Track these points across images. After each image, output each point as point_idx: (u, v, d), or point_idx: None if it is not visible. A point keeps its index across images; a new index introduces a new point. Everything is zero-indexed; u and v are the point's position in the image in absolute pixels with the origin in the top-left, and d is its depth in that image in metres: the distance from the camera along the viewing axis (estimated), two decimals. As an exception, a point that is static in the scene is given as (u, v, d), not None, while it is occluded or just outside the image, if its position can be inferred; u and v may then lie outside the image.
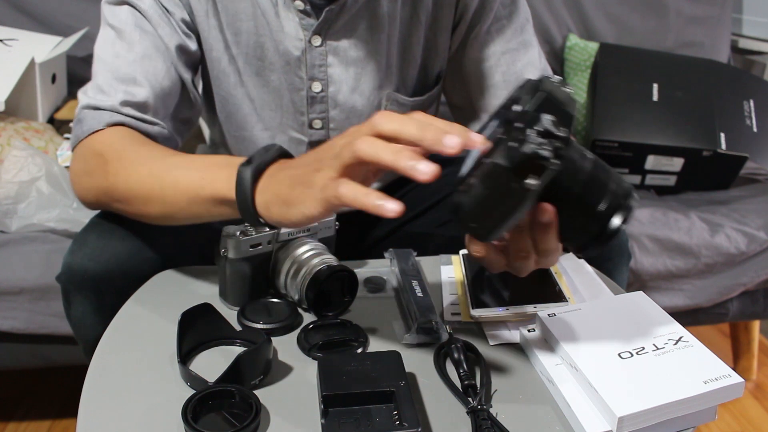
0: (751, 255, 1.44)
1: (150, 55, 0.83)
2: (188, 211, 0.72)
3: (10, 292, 1.19)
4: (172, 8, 0.85)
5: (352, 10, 0.86)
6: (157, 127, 0.83)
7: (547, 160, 0.52)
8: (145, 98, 0.82)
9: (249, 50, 0.89)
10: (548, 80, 0.57)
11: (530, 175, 0.52)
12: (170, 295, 0.77)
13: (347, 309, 0.76)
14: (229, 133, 0.99)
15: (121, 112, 0.81)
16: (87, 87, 0.85)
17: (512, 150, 0.52)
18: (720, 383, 0.59)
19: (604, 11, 1.85)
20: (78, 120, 0.82)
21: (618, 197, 0.57)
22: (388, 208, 0.52)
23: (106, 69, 0.83)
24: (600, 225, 0.58)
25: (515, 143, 0.52)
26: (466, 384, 0.62)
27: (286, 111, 0.93)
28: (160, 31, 0.83)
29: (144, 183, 0.74)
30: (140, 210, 0.76)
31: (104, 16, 0.86)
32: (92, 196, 0.80)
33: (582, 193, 0.57)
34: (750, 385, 1.69)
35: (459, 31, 0.93)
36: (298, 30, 0.87)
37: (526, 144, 0.52)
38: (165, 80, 0.84)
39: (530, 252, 0.60)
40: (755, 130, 1.60)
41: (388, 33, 0.90)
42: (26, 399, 1.55)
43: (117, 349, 0.69)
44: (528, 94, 0.57)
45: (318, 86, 0.91)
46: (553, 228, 0.58)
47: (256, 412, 0.57)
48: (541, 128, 0.53)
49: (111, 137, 0.79)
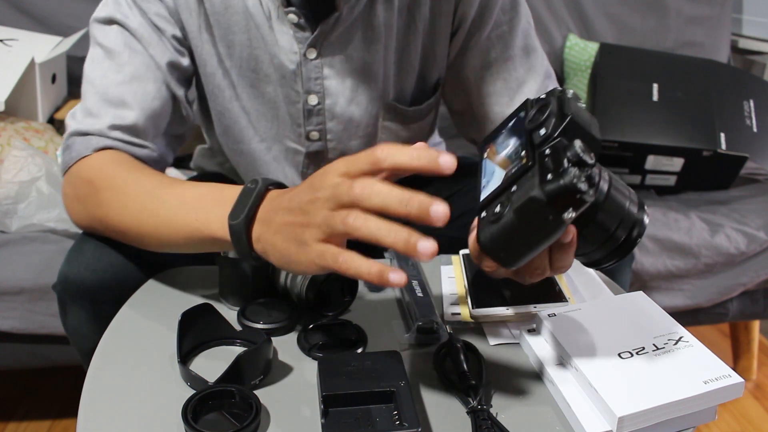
0: (751, 255, 1.44)
1: (140, 76, 0.82)
2: (186, 246, 0.72)
3: (10, 292, 1.19)
4: (163, 25, 0.84)
5: (347, 21, 0.85)
6: (147, 150, 0.83)
7: (585, 192, 0.51)
8: (135, 121, 0.81)
9: (242, 62, 0.89)
10: (569, 99, 0.56)
11: (569, 207, 0.52)
12: (170, 296, 0.77)
13: (347, 309, 0.76)
14: (227, 146, 0.99)
15: (109, 136, 0.80)
16: (76, 110, 0.84)
17: (550, 183, 0.51)
18: (720, 383, 0.59)
19: (604, 11, 1.85)
20: (66, 146, 0.82)
21: (633, 215, 0.58)
22: (393, 280, 0.52)
23: (95, 91, 0.82)
24: (616, 242, 0.59)
25: (551, 174, 0.52)
26: (466, 384, 0.62)
27: (282, 122, 0.93)
28: (151, 51, 0.83)
29: (137, 220, 0.73)
30: (136, 242, 0.76)
31: (93, 35, 0.85)
32: (86, 222, 0.80)
33: (601, 213, 0.57)
34: (750, 385, 1.69)
35: (458, 38, 0.92)
36: (292, 43, 0.86)
37: (565, 176, 0.51)
38: (155, 101, 0.83)
39: (546, 269, 0.60)
40: (755, 130, 1.60)
41: (384, 43, 0.89)
42: (26, 399, 1.55)
43: (117, 349, 0.69)
44: (552, 117, 0.56)
45: (314, 99, 0.90)
46: (573, 247, 0.58)
47: (256, 412, 0.57)
48: (575, 157, 0.52)
49: (100, 162, 0.79)
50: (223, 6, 0.85)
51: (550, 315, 0.68)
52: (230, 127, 0.95)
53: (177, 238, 0.70)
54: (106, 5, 0.84)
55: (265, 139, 0.95)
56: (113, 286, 0.78)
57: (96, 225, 0.79)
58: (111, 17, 0.83)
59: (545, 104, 0.57)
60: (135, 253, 0.79)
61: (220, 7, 0.85)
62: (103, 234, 0.79)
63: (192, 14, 0.86)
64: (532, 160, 0.55)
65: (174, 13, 0.85)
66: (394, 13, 0.88)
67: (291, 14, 0.84)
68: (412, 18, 0.89)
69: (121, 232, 0.76)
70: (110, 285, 0.77)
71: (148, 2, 0.83)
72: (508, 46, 0.92)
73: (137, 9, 0.83)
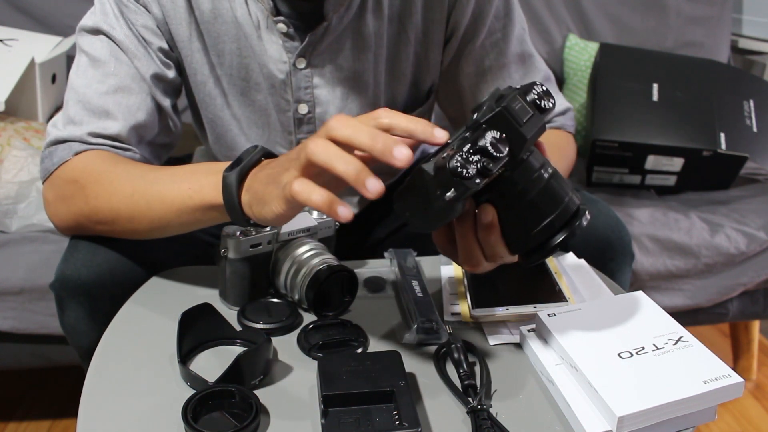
0: (751, 255, 1.44)
1: (124, 87, 0.82)
2: (177, 221, 0.73)
3: (10, 292, 1.20)
4: (149, 37, 0.84)
5: (337, 31, 0.85)
6: (130, 152, 0.83)
7: (466, 179, 0.54)
8: (118, 132, 0.81)
9: (233, 71, 0.89)
10: (516, 95, 0.58)
11: (451, 188, 0.54)
12: (170, 296, 0.77)
13: (347, 309, 0.76)
14: (220, 153, 0.99)
15: (90, 142, 0.80)
16: (57, 118, 0.84)
17: (439, 161, 0.55)
18: (720, 383, 0.59)
19: (604, 11, 1.85)
20: (48, 154, 0.82)
21: (564, 216, 0.59)
22: (340, 213, 0.54)
23: (77, 99, 0.82)
24: (542, 238, 0.60)
25: (446, 155, 0.55)
26: (466, 384, 0.62)
27: (273, 130, 0.93)
28: (137, 63, 0.83)
29: (128, 202, 0.74)
30: (126, 228, 0.76)
31: (79, 43, 0.85)
32: (71, 221, 0.80)
33: (531, 205, 0.59)
34: (750, 385, 1.69)
35: (451, 46, 0.92)
36: (281, 53, 0.86)
37: (454, 159, 0.54)
38: (140, 112, 0.83)
39: (478, 257, 0.62)
40: (755, 130, 1.60)
41: (374, 52, 0.89)
42: (26, 399, 1.55)
43: (117, 349, 0.69)
44: (489, 105, 0.58)
45: (305, 108, 0.90)
46: (494, 230, 0.60)
47: (256, 412, 0.57)
48: (478, 145, 0.55)
49: (83, 162, 0.79)
50: (213, 15, 0.85)
51: (550, 315, 0.68)
52: (222, 135, 0.95)
53: (169, 212, 0.72)
54: (93, 14, 0.84)
55: None
56: (109, 282, 0.78)
57: (83, 221, 0.79)
58: (97, 27, 0.83)
59: (501, 95, 0.59)
60: (130, 249, 0.79)
61: (209, 17, 0.85)
62: (91, 232, 0.80)
63: (182, 24, 0.85)
64: (451, 142, 0.58)
65: (162, 24, 0.85)
66: (384, 22, 0.87)
67: (280, 24, 0.84)
68: (402, 27, 0.89)
69: (111, 221, 0.76)
70: (106, 281, 0.78)
71: (135, 14, 0.83)
72: (502, 53, 0.92)
73: (124, 20, 0.83)
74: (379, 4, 0.86)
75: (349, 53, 0.87)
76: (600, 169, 1.60)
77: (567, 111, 0.97)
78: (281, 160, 0.62)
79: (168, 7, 0.84)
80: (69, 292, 0.79)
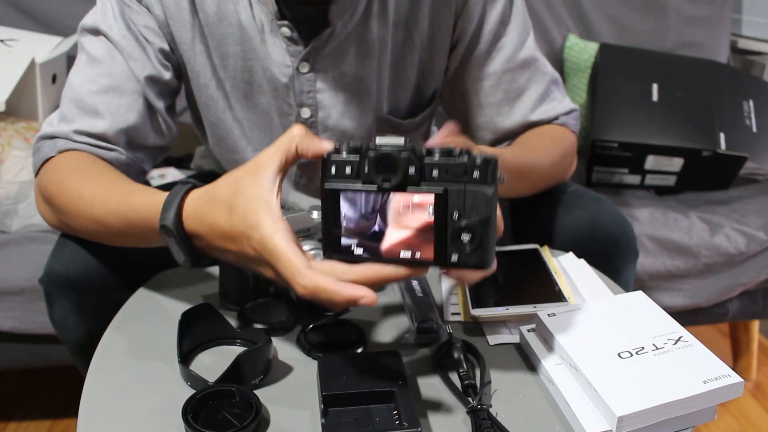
0: (750, 255, 1.44)
1: (116, 88, 0.82)
2: (135, 243, 0.73)
3: (10, 292, 1.20)
4: (151, 37, 0.84)
5: (341, 36, 0.85)
6: (114, 153, 0.83)
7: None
8: (104, 130, 0.81)
9: (236, 74, 0.89)
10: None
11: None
12: (170, 295, 0.77)
13: (347, 309, 0.76)
14: (221, 156, 0.99)
15: (74, 139, 0.81)
16: (53, 114, 0.85)
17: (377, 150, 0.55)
18: (719, 383, 0.59)
19: (604, 11, 1.85)
20: (36, 149, 0.83)
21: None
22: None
23: (71, 96, 0.83)
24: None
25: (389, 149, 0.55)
26: (466, 384, 0.62)
27: (275, 133, 0.93)
28: (131, 64, 0.83)
29: (91, 228, 0.74)
30: (97, 240, 0.76)
31: (80, 40, 0.85)
32: (55, 222, 0.81)
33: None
34: (749, 385, 1.69)
35: (457, 52, 0.92)
36: (285, 57, 0.86)
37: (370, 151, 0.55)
38: (130, 114, 0.83)
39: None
40: (755, 130, 1.60)
41: (378, 58, 0.89)
42: (26, 399, 1.55)
43: (117, 349, 0.69)
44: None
45: (307, 112, 0.90)
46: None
47: (256, 411, 0.57)
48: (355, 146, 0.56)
49: (57, 166, 0.79)
50: (217, 18, 0.85)
51: (550, 315, 0.68)
52: (224, 138, 0.95)
53: (133, 243, 0.72)
54: (94, 13, 0.85)
55: (258, 149, 0.95)
56: (96, 277, 0.78)
57: (63, 228, 0.80)
58: (96, 27, 0.83)
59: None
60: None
61: (214, 19, 0.85)
62: (74, 234, 0.80)
63: (185, 26, 0.85)
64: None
65: (163, 26, 0.85)
66: (389, 28, 0.88)
67: (284, 27, 0.84)
68: (408, 33, 0.89)
69: (82, 234, 0.77)
70: (93, 276, 0.78)
71: (137, 14, 0.83)
72: (507, 57, 0.92)
73: (123, 21, 0.83)
74: (385, 11, 0.86)
75: (353, 59, 0.88)
76: (600, 169, 1.60)
77: (572, 111, 0.97)
78: (238, 237, 0.58)
79: (171, 8, 0.84)
80: (56, 287, 0.79)
